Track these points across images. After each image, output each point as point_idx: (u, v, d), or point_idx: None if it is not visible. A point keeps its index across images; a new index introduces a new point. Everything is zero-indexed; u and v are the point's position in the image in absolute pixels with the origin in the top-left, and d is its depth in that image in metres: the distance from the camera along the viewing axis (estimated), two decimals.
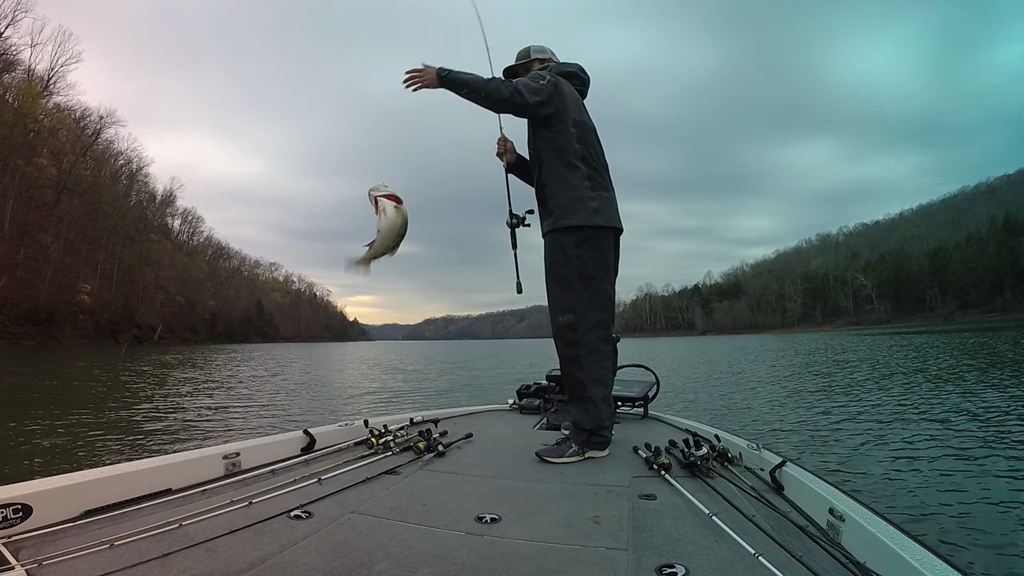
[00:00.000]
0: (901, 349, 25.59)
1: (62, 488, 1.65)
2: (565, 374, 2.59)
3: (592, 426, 2.43)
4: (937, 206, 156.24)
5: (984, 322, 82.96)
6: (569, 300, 2.50)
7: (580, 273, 2.49)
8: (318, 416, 8.93)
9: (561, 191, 2.53)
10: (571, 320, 2.48)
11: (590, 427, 2.42)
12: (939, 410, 8.20)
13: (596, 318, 2.51)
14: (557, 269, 2.54)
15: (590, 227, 2.49)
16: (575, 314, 2.48)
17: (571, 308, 2.49)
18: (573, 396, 2.55)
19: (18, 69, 66.83)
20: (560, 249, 2.52)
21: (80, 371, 18.96)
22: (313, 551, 1.42)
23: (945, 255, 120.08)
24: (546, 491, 1.98)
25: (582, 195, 2.51)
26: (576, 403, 2.52)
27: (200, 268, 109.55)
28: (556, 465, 2.35)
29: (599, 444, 2.45)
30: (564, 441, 2.48)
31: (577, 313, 2.48)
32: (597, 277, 2.52)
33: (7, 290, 54.28)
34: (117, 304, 72.58)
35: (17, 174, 60.06)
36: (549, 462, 2.34)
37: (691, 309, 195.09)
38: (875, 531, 1.45)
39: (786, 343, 46.28)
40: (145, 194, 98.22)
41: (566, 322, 2.50)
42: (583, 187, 2.52)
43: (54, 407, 9.00)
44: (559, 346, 2.54)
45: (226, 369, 20.97)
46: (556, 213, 2.53)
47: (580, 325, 2.47)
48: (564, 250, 2.51)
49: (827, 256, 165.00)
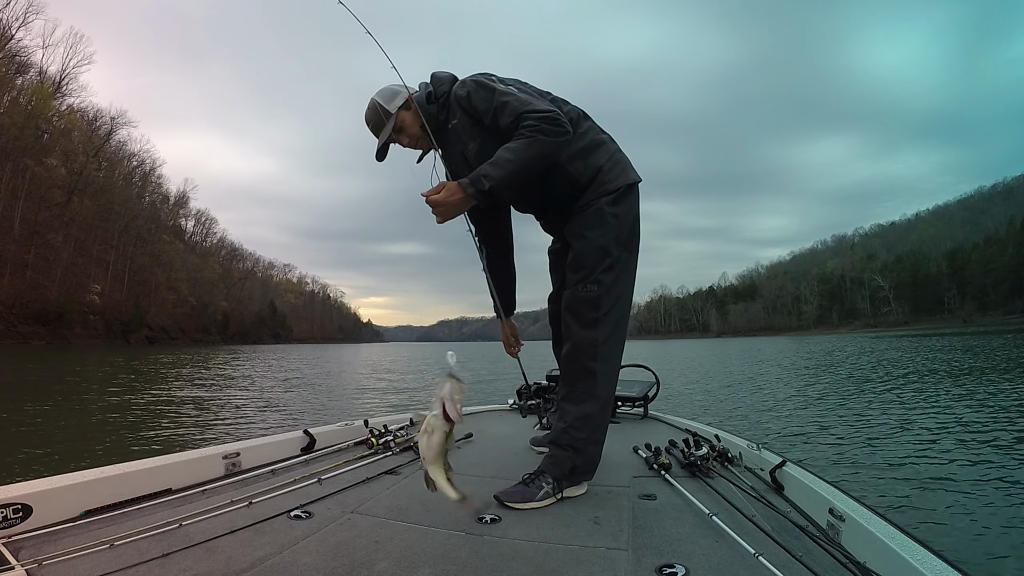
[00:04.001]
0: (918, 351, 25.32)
1: (62, 488, 1.65)
2: (568, 362, 2.03)
3: (586, 435, 1.96)
4: (954, 206, 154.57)
5: (1004, 324, 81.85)
6: (599, 270, 1.99)
7: (617, 238, 2.01)
8: (319, 416, 8.95)
9: (589, 156, 2.04)
10: (595, 294, 1.97)
11: (584, 435, 1.95)
12: (942, 411, 8.16)
13: (622, 296, 2.04)
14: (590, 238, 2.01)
15: (630, 184, 2.06)
16: (601, 287, 1.97)
17: (598, 279, 1.98)
18: (574, 392, 2.00)
19: (31, 71, 68.19)
20: (599, 215, 2.01)
21: (86, 371, 19.13)
22: (313, 551, 1.42)
23: (963, 256, 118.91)
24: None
25: (611, 148, 2.09)
26: (575, 401, 1.99)
27: (213, 269, 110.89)
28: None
29: (585, 470, 1.98)
30: (534, 478, 1.91)
31: (603, 286, 1.97)
32: (631, 246, 2.07)
33: (17, 290, 55.06)
34: (128, 304, 73.47)
35: (27, 174, 60.92)
36: (512, 508, 1.80)
37: (706, 311, 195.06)
38: (875, 531, 1.44)
39: (802, 346, 45.78)
40: (158, 195, 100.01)
41: (588, 295, 1.98)
42: (609, 139, 2.12)
43: (55, 407, 9.09)
44: (570, 324, 2.02)
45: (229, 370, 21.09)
46: (595, 181, 2.03)
47: (603, 302, 1.97)
48: (603, 215, 2.01)
49: (843, 257, 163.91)
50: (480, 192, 1.81)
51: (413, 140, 2.15)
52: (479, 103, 1.96)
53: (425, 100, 2.11)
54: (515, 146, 1.85)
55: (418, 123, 2.11)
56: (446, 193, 1.83)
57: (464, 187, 1.82)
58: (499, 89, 1.94)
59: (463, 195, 1.82)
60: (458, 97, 2.02)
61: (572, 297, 2.02)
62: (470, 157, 2.03)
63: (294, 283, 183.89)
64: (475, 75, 2.04)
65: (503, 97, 1.92)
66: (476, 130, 2.02)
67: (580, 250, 2.02)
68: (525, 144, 1.84)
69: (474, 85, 1.99)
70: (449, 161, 2.17)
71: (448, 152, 2.15)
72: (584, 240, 2.01)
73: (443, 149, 2.16)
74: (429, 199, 1.84)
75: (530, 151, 1.84)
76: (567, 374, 2.05)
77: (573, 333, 2.01)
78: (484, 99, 1.95)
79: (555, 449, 1.97)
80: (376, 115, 2.12)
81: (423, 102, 2.11)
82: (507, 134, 1.91)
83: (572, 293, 2.02)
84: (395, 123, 2.10)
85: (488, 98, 1.95)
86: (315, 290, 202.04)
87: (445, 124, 2.11)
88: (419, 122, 2.11)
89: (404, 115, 2.10)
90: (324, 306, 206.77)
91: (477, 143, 2.02)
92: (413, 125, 2.11)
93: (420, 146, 2.18)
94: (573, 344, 2.00)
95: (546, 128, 1.85)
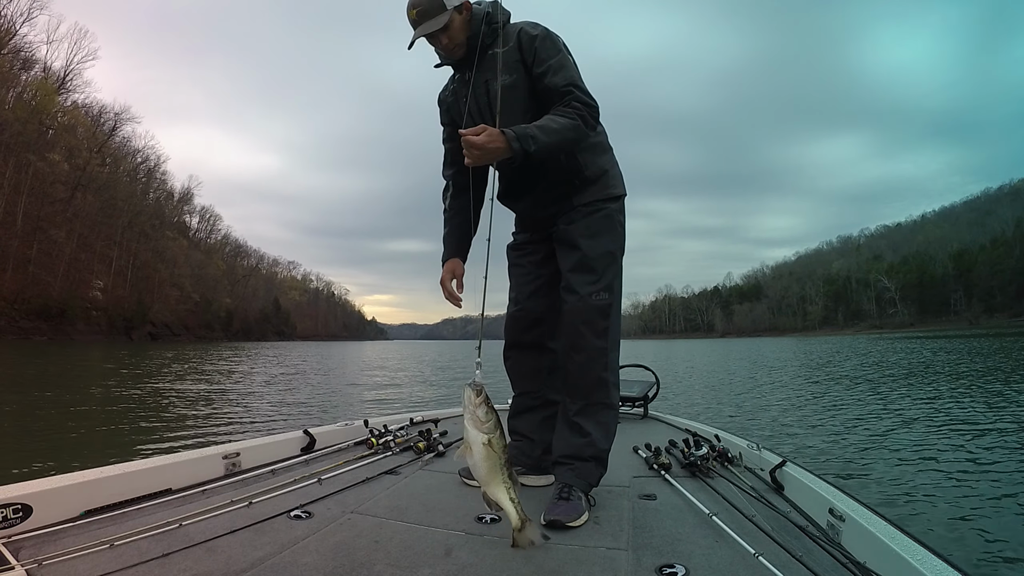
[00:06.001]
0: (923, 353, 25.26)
1: (62, 488, 1.66)
2: (582, 374, 1.95)
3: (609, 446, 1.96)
4: (960, 208, 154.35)
5: (1011, 326, 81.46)
6: (609, 277, 1.98)
7: (621, 247, 2.05)
8: (319, 416, 8.93)
9: (599, 155, 2.04)
10: (606, 303, 1.95)
11: (607, 446, 1.95)
12: (943, 411, 8.15)
13: (619, 305, 2.06)
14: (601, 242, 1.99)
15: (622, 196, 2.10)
16: (611, 295, 1.97)
17: (610, 287, 1.97)
18: (590, 405, 1.95)
19: (35, 67, 68.66)
20: (610, 221, 2.03)
21: (87, 368, 19.15)
22: (313, 551, 1.43)
23: (970, 258, 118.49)
24: (546, 491, 1.97)
25: (613, 158, 2.11)
26: (592, 415, 1.94)
27: (217, 266, 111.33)
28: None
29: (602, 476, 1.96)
30: (570, 492, 1.82)
31: (613, 295, 1.98)
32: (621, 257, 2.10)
33: (19, 285, 55.22)
34: (131, 301, 73.65)
35: (30, 170, 61.07)
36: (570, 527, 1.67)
37: (710, 311, 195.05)
38: (875, 531, 1.44)
39: (806, 347, 45.66)
40: (163, 192, 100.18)
41: (600, 303, 1.94)
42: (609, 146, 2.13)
43: (55, 406, 9.08)
44: (585, 335, 1.93)
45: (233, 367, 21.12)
46: (600, 181, 2.03)
47: (612, 311, 1.97)
48: (613, 221, 2.03)
49: (849, 258, 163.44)
50: (523, 150, 1.74)
51: (451, 45, 1.98)
52: (541, 50, 1.90)
53: (481, 17, 1.98)
54: (562, 121, 1.81)
55: (466, 32, 1.97)
56: (487, 137, 1.71)
57: (509, 139, 1.72)
58: (564, 51, 1.93)
59: (504, 146, 1.73)
60: (525, 32, 1.94)
61: (585, 306, 1.93)
62: (494, 89, 1.92)
63: (298, 280, 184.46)
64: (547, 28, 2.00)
65: (566, 60, 1.90)
66: (518, 68, 1.93)
67: (590, 253, 1.96)
68: (570, 124, 1.81)
69: (546, 33, 1.94)
70: (471, 84, 2.03)
71: (474, 76, 2.02)
72: (595, 242, 1.97)
73: (473, 71, 2.02)
74: (467, 139, 1.72)
75: (570, 133, 1.82)
76: (578, 387, 1.97)
77: (586, 343, 1.93)
78: (548, 49, 1.91)
79: (579, 463, 1.89)
80: (431, 2, 1.91)
81: (479, 17, 1.98)
82: (543, 93, 1.90)
83: (585, 301, 1.93)
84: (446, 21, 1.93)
85: (552, 52, 1.90)
86: (319, 287, 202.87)
87: (486, 48, 1.97)
88: (468, 31, 1.97)
89: (456, 17, 1.94)
90: (328, 303, 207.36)
91: (511, 80, 1.92)
92: (460, 31, 1.96)
93: (454, 54, 2.02)
94: (587, 355, 1.93)
95: (588, 119, 1.85)
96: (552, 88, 1.86)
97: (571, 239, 2.00)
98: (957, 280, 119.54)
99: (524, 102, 1.94)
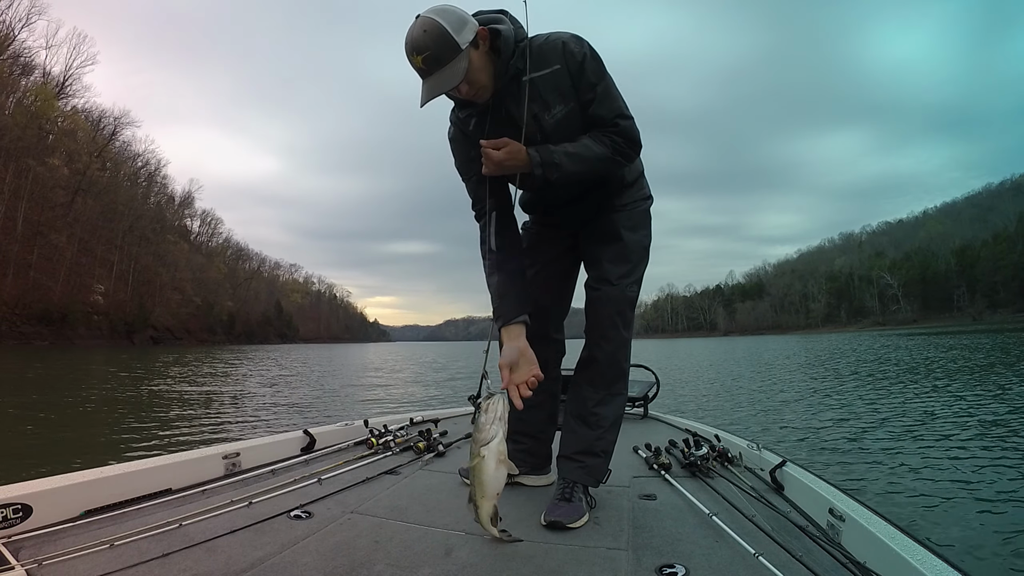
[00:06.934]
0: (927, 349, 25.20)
1: (62, 488, 1.66)
2: (609, 363, 1.90)
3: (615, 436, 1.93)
4: (961, 203, 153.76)
5: (1015, 322, 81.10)
6: (640, 271, 1.96)
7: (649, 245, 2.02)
8: (319, 416, 8.93)
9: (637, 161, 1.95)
10: (635, 295, 1.94)
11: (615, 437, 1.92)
12: (943, 410, 8.11)
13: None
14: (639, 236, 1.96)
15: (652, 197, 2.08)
16: (639, 288, 1.97)
17: (639, 280, 1.95)
18: (611, 395, 1.91)
19: (35, 72, 68.77)
20: (647, 217, 2.01)
21: (89, 371, 19.18)
22: (313, 551, 1.43)
23: (972, 253, 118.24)
24: (546, 491, 1.97)
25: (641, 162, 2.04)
26: (608, 403, 1.90)
27: (218, 269, 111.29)
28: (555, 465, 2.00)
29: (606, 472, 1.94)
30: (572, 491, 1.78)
31: (639, 288, 1.97)
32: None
33: (20, 290, 55.09)
34: (132, 305, 73.52)
35: (30, 175, 61.04)
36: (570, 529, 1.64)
37: (713, 310, 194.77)
38: (875, 531, 1.44)
39: (809, 345, 45.54)
40: (164, 196, 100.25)
41: (632, 295, 1.92)
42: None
43: (55, 407, 9.10)
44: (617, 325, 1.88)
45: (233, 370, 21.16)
46: (636, 183, 1.97)
47: (636, 303, 1.98)
48: (649, 218, 2.02)
49: (851, 255, 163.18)
50: (544, 177, 1.64)
51: (472, 92, 1.64)
52: (590, 73, 1.65)
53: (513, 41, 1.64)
54: (598, 151, 1.67)
55: (489, 69, 1.63)
56: (507, 154, 1.62)
57: (533, 161, 1.62)
58: (608, 75, 1.70)
59: (525, 165, 1.63)
60: (571, 51, 1.64)
61: (621, 296, 1.88)
62: (548, 120, 1.69)
63: (300, 283, 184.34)
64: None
65: (612, 85, 1.70)
66: (572, 94, 1.67)
67: (631, 244, 1.92)
68: (604, 156, 1.68)
69: (591, 52, 1.66)
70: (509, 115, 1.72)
71: (510, 107, 1.71)
72: (635, 235, 1.94)
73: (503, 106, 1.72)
74: (488, 151, 1.61)
75: (600, 165, 1.70)
76: (604, 376, 1.90)
77: (616, 334, 1.88)
78: (596, 72, 1.67)
79: (589, 459, 1.85)
80: (440, 45, 1.51)
81: (510, 41, 1.63)
82: (589, 118, 1.70)
83: (621, 292, 1.88)
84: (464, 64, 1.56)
85: (598, 76, 1.67)
86: (321, 290, 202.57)
87: (518, 74, 1.66)
88: (491, 67, 1.64)
89: (473, 55, 1.58)
90: (330, 306, 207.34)
91: (565, 109, 1.68)
92: (482, 72, 1.61)
93: (479, 99, 1.68)
94: (615, 345, 1.89)
95: (628, 155, 1.73)
96: (596, 119, 1.69)
97: (614, 230, 1.92)
98: (960, 276, 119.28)
99: (580, 133, 1.72)
